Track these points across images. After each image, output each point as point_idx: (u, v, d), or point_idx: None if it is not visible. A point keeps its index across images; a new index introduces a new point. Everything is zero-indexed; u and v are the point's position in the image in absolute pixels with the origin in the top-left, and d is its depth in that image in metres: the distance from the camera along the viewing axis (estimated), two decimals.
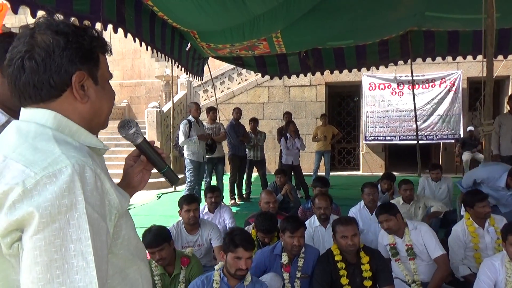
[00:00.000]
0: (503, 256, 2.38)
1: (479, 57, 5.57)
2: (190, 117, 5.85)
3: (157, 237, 2.59)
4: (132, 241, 0.90)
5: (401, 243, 2.94)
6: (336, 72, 7.31)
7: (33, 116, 0.83)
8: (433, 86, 9.83)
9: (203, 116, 6.85)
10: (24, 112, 0.85)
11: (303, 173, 7.28)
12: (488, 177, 3.45)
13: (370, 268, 2.57)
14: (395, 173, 9.33)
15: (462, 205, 3.28)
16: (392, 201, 4.38)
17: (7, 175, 0.72)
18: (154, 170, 1.14)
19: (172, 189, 8.24)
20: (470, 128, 9.25)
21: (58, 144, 0.76)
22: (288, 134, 6.89)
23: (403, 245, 2.92)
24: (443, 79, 9.76)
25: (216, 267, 2.38)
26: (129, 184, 1.11)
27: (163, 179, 9.09)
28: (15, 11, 3.18)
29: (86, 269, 0.70)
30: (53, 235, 0.69)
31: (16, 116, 0.87)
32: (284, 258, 2.70)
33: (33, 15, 3.25)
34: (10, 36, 1.25)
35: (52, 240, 0.68)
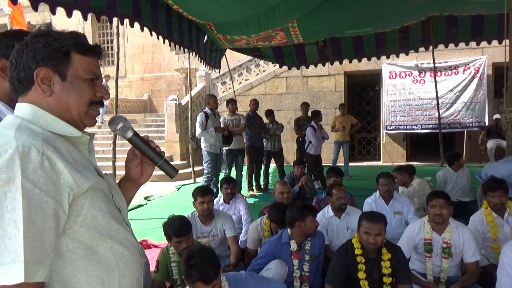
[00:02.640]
0: None
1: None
2: (207, 109, 5.89)
3: (185, 225, 2.68)
4: (98, 220, 0.96)
5: (439, 240, 2.76)
6: (355, 61, 7.20)
7: (16, 109, 0.96)
8: (456, 73, 9.54)
9: (223, 108, 6.86)
10: (15, 106, 0.99)
11: (323, 164, 7.27)
12: (509, 176, 3.30)
13: (390, 265, 2.50)
14: (417, 163, 9.23)
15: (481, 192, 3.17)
16: None
17: None
18: (176, 162, 1.18)
19: (191, 180, 8.37)
20: (497, 116, 8.94)
21: (16, 130, 0.87)
22: (315, 125, 6.88)
23: (441, 242, 2.75)
24: (467, 66, 9.45)
25: None
26: (128, 177, 1.19)
27: (183, 171, 9.23)
28: (35, 8, 3.28)
29: (17, 235, 0.79)
30: None
31: None
32: (293, 246, 2.73)
33: (52, 11, 3.34)
34: (14, 34, 1.31)
35: None
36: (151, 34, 4.47)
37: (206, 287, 1.94)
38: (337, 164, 8.08)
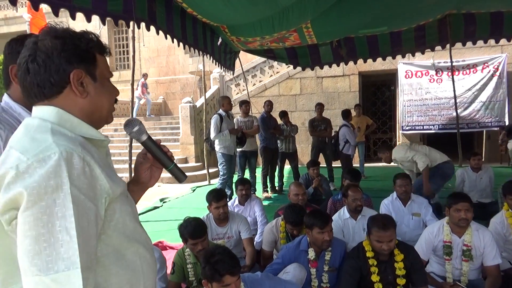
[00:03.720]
0: None
1: None
2: (221, 111, 5.87)
3: (200, 227, 2.69)
4: (128, 225, 0.97)
5: (459, 242, 2.68)
6: (369, 61, 7.12)
7: (39, 113, 0.94)
8: (474, 71, 9.34)
9: (236, 110, 6.88)
10: (34, 110, 0.96)
11: (337, 165, 7.23)
12: None
13: (404, 266, 2.45)
14: None
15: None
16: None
17: (7, 161, 0.84)
18: (191, 164, 1.18)
19: (206, 182, 8.40)
20: None
21: (52, 135, 0.86)
22: (348, 124, 6.99)
23: (460, 245, 2.68)
24: (486, 64, 9.24)
25: None
26: (139, 180, 1.19)
27: (197, 173, 9.29)
28: (56, 13, 3.36)
29: (69, 242, 0.78)
30: (40, 212, 0.78)
31: None
32: (311, 254, 2.67)
33: (72, 16, 3.42)
34: (25, 39, 1.32)
35: (39, 216, 0.78)
36: (166, 38, 4.51)
37: (233, 279, 1.98)
38: (352, 165, 8.00)
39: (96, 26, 14.09)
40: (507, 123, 9.10)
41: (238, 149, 6.17)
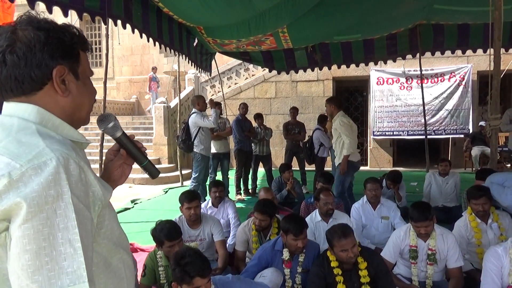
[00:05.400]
0: (506, 245, 2.33)
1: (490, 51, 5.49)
2: (196, 111, 5.67)
3: (175, 229, 2.68)
4: (115, 231, 0.93)
5: (424, 246, 2.77)
6: (343, 66, 7.28)
7: (16, 111, 0.85)
8: (442, 80, 9.72)
9: (208, 111, 6.82)
10: (7, 106, 0.87)
11: (310, 169, 7.32)
12: (507, 177, 3.22)
13: (368, 273, 2.47)
14: (404, 169, 9.35)
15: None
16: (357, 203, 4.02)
17: None
18: (164, 165, 1.15)
19: (179, 184, 8.31)
20: (482, 123, 9.13)
21: (42, 138, 0.79)
22: (322, 128, 7.04)
23: (426, 249, 2.76)
24: (453, 73, 9.64)
25: None
26: (110, 178, 1.13)
27: (170, 174, 9.13)
28: (31, 6, 3.25)
29: (73, 255, 0.73)
30: (41, 224, 0.72)
31: None
32: (285, 254, 2.69)
33: (49, 10, 3.32)
34: None
35: (40, 228, 0.71)
36: (141, 36, 4.44)
37: (203, 281, 1.97)
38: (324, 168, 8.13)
39: (69, 21, 13.72)
40: (471, 131, 9.52)
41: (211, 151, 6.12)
